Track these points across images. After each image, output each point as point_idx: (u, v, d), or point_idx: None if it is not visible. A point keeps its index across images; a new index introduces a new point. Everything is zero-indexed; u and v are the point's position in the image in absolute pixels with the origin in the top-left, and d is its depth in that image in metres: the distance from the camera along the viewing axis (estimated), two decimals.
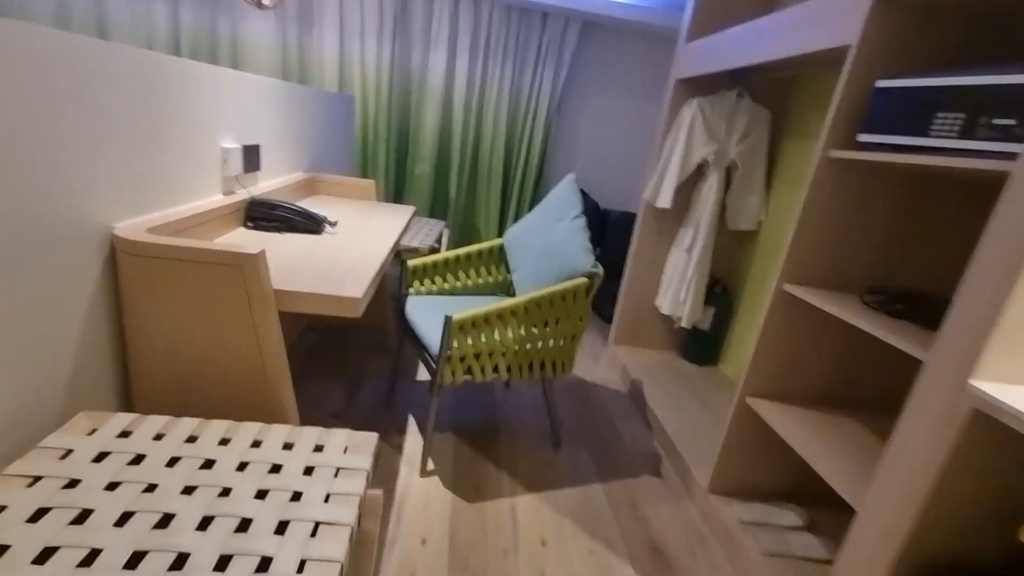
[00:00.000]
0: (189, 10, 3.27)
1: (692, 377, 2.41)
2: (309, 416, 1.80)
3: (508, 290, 2.10)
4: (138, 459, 0.78)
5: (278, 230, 1.46)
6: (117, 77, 0.97)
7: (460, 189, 3.72)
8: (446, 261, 1.99)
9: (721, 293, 2.48)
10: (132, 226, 1.00)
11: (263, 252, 0.98)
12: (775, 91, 2.29)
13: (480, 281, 2.07)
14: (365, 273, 1.16)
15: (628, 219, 3.57)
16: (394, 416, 1.89)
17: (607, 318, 3.25)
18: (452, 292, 2.03)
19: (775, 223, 2.29)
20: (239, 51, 3.39)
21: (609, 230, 3.60)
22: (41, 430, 0.86)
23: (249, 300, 0.98)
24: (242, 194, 1.49)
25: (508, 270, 2.06)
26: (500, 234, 3.85)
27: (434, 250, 2.58)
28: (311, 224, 1.47)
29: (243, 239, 1.34)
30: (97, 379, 0.99)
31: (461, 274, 2.04)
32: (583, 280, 1.61)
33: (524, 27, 3.45)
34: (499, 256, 2.08)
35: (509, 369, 1.62)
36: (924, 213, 1.34)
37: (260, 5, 2.46)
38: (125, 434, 0.83)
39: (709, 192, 2.30)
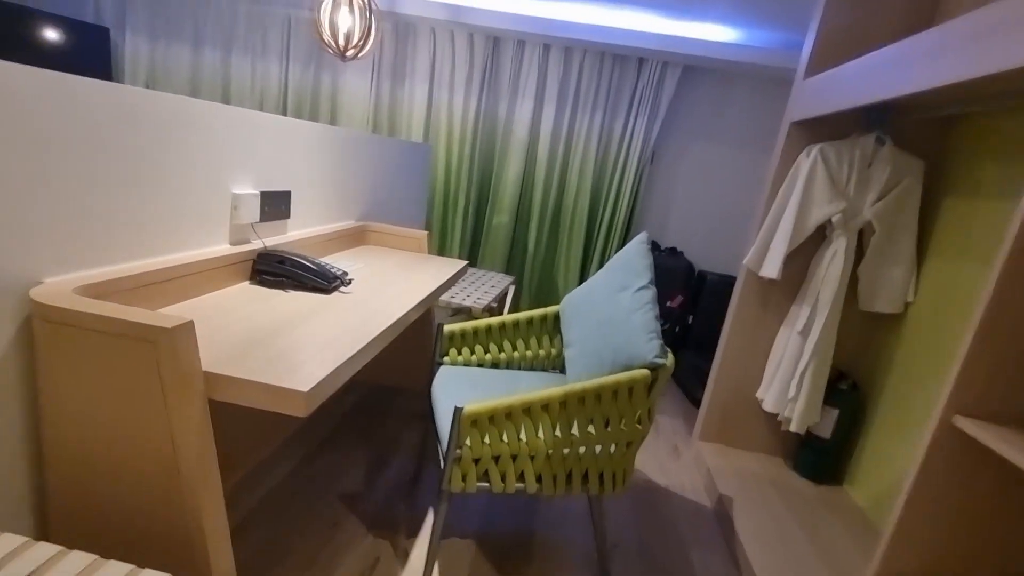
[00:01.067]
0: (298, 67, 3.50)
1: (804, 499, 1.83)
2: (320, 497, 1.57)
3: (563, 367, 1.75)
4: None
5: (283, 287, 1.29)
6: (75, 114, 0.85)
7: (539, 242, 3.48)
8: (489, 328, 1.71)
9: (848, 391, 1.90)
10: (62, 283, 0.84)
11: (187, 324, 0.76)
12: (929, 135, 1.77)
13: (530, 354, 1.75)
14: (335, 356, 0.91)
15: (728, 284, 3.06)
16: (411, 508, 1.59)
17: (696, 402, 2.72)
18: (496, 364, 1.73)
19: (929, 307, 1.71)
20: (336, 103, 3.54)
21: (705, 296, 3.11)
22: None
23: (163, 387, 0.76)
24: (256, 244, 1.35)
25: (564, 344, 1.72)
26: None
27: (491, 311, 2.32)
28: (319, 282, 1.28)
29: (234, 296, 1.17)
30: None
31: (507, 344, 1.73)
32: (642, 372, 1.22)
33: (617, 74, 3.22)
34: (554, 326, 1.76)
35: (540, 479, 1.26)
36: None
37: (344, 57, 2.48)
38: None
39: (834, 261, 1.79)
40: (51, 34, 3.24)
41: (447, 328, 1.68)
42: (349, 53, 2.45)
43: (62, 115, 0.83)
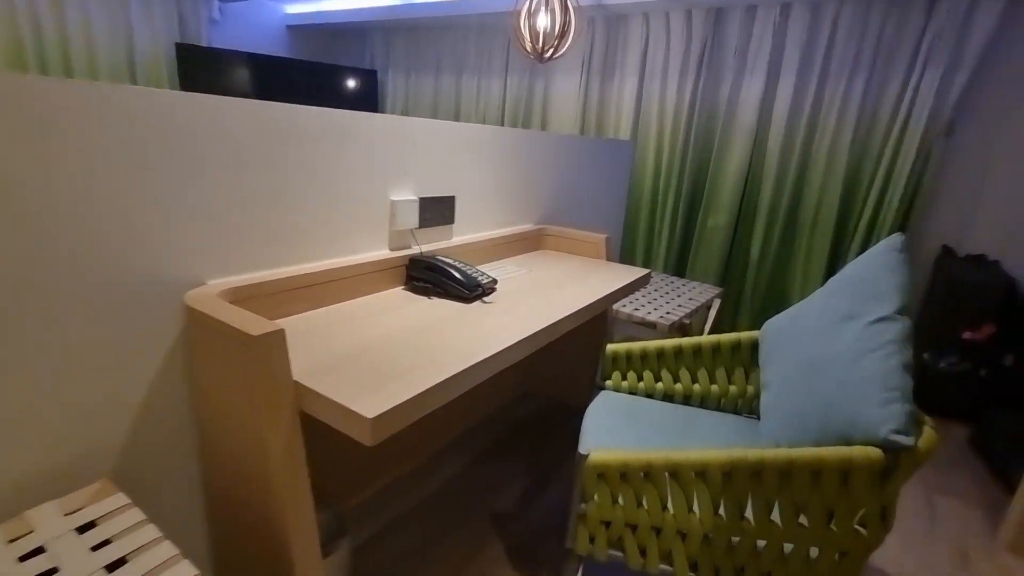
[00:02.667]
0: (515, 79, 3.65)
1: None
2: (475, 508, 1.53)
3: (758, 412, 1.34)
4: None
5: (427, 293, 1.26)
6: (238, 135, 0.95)
7: (767, 249, 2.86)
8: (662, 352, 1.41)
9: None
10: (218, 285, 0.95)
11: (275, 334, 0.76)
12: None
13: (715, 389, 1.39)
14: (425, 379, 0.81)
15: None
16: (563, 546, 1.42)
17: (1008, 481, 1.82)
18: (670, 396, 1.42)
19: None
20: (547, 108, 3.57)
21: None
22: (64, 487, 0.84)
23: (257, 393, 0.77)
24: (415, 250, 1.37)
25: (760, 383, 1.30)
26: None
27: (683, 329, 1.96)
28: (461, 290, 1.22)
29: (381, 301, 1.19)
30: (165, 451, 0.96)
31: (685, 374, 1.41)
32: (866, 452, 0.79)
33: (893, 20, 2.40)
34: (751, 356, 1.35)
35: (696, 568, 0.94)
36: None
37: (541, 59, 2.45)
38: (84, 529, 0.72)
39: None
40: (338, 81, 4.10)
41: (611, 347, 1.45)
42: (546, 55, 2.39)
43: (241, 134, 0.93)
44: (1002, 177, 2.36)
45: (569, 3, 2.31)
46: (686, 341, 1.39)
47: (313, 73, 3.98)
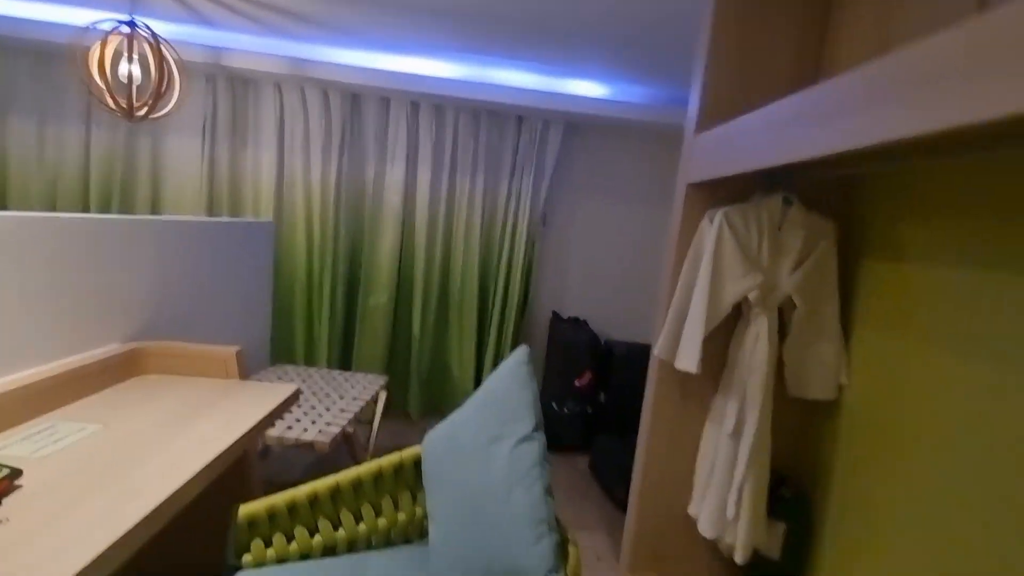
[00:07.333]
0: (104, 131, 2.80)
1: None
2: None
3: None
4: None
5: None
6: None
7: (426, 324, 2.97)
8: (314, 499, 1.15)
9: (792, 499, 1.56)
10: None
11: None
12: (836, 194, 1.56)
13: (382, 523, 1.21)
14: None
15: (638, 353, 2.74)
16: None
17: (615, 497, 2.29)
18: (332, 548, 1.16)
19: (865, 389, 1.43)
20: (159, 175, 2.87)
21: (615, 369, 2.76)
22: None
23: None
24: None
25: (427, 513, 1.20)
26: (478, 379, 3.02)
27: (348, 438, 1.75)
28: None
29: None
30: None
31: (346, 515, 1.18)
32: None
33: (496, 131, 2.91)
34: (414, 476, 1.24)
35: None
36: None
37: (131, 116, 1.90)
38: None
39: (757, 344, 1.48)
40: None
41: (244, 510, 1.10)
42: (139, 112, 1.87)
43: None
44: (577, 256, 3.12)
45: (167, 54, 1.88)
46: (343, 477, 1.17)
47: None
